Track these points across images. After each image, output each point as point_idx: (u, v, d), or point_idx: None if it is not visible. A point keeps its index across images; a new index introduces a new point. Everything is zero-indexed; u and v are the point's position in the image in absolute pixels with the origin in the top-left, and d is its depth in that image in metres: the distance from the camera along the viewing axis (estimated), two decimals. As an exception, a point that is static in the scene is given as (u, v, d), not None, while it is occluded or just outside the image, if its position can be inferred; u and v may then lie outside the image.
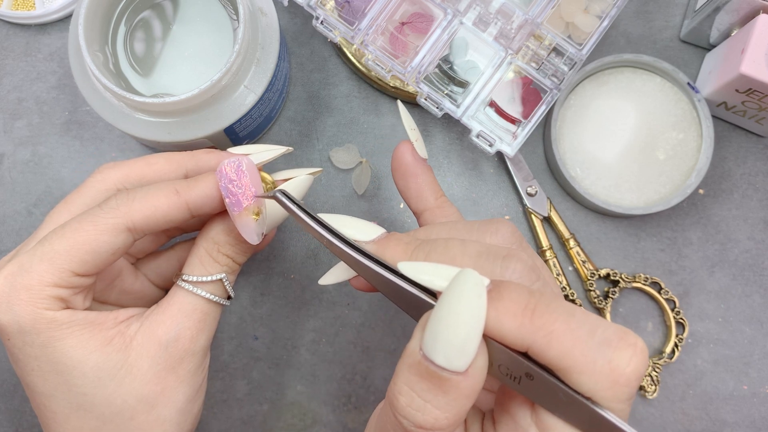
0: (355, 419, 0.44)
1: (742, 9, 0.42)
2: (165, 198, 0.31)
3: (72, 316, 0.31)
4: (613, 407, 0.23)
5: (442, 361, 0.22)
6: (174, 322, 0.32)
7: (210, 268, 0.33)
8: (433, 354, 0.22)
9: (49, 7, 0.47)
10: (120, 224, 0.31)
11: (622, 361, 0.22)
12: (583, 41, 0.41)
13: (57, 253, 0.30)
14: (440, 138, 0.47)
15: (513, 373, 0.24)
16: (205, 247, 0.34)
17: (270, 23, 0.40)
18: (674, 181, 0.45)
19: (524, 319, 0.23)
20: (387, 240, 0.29)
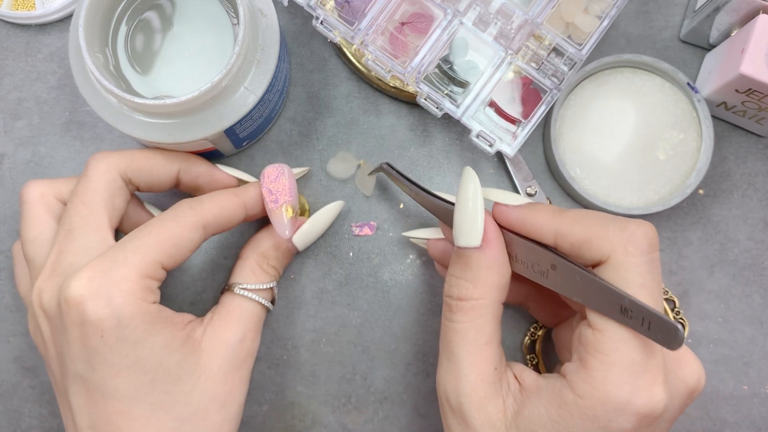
0: (355, 420, 0.44)
1: (742, 9, 0.42)
2: (228, 200, 0.37)
3: (160, 312, 0.33)
4: (627, 261, 0.28)
5: (462, 242, 0.31)
6: (239, 326, 0.36)
7: (263, 278, 0.39)
8: (457, 239, 0.31)
9: (49, 7, 0.47)
10: (198, 222, 0.34)
11: (631, 227, 0.29)
12: (583, 41, 0.41)
13: (149, 246, 0.32)
14: (440, 138, 0.47)
15: (541, 268, 0.30)
16: (256, 260, 0.39)
17: (270, 24, 0.40)
18: (674, 181, 0.45)
19: (554, 215, 0.31)
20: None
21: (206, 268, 0.45)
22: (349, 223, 0.46)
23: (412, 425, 0.44)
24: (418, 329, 0.45)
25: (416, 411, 0.44)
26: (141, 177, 0.37)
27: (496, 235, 0.31)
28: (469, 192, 0.30)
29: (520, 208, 0.32)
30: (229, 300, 0.38)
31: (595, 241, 0.29)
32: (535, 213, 0.31)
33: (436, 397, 0.44)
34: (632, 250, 0.28)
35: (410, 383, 0.44)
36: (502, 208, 0.32)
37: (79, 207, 0.34)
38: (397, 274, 0.45)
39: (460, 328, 0.31)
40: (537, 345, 0.44)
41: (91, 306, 0.30)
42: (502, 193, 0.33)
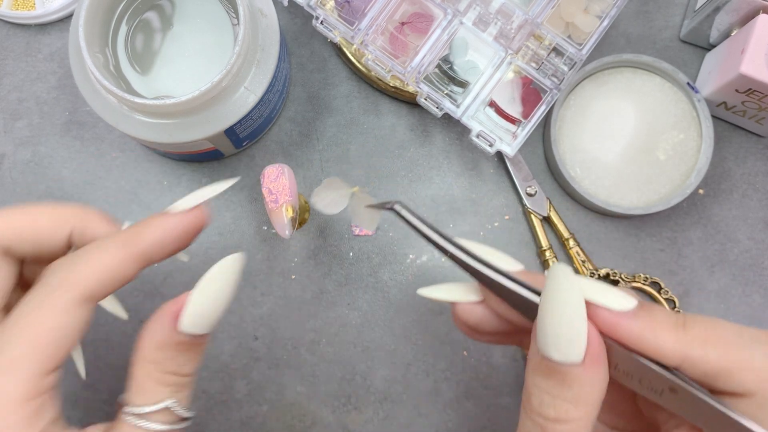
0: (355, 420, 0.44)
1: (742, 9, 0.42)
2: (115, 255, 0.27)
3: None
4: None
5: (557, 356, 0.24)
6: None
7: (153, 395, 0.28)
8: (548, 350, 0.24)
9: (49, 7, 0.47)
10: (76, 298, 0.26)
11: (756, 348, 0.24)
12: (583, 41, 0.41)
13: (19, 358, 0.25)
14: (440, 138, 0.47)
15: (653, 386, 0.25)
16: (143, 371, 0.28)
17: (270, 24, 0.40)
18: (674, 181, 0.45)
19: (678, 332, 0.24)
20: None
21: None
22: (349, 223, 0.46)
23: (412, 425, 0.44)
24: (418, 329, 0.45)
25: (416, 411, 0.44)
26: (22, 245, 0.28)
27: (600, 349, 0.24)
28: (570, 297, 0.24)
29: (634, 320, 0.25)
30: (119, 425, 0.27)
31: (737, 373, 0.24)
32: (655, 330, 0.24)
33: (436, 397, 0.44)
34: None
35: (410, 383, 0.44)
36: (608, 316, 0.25)
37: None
38: (397, 274, 0.45)
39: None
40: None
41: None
42: (604, 291, 0.25)
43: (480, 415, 0.44)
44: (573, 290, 0.24)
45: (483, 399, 0.44)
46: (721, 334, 0.24)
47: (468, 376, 0.44)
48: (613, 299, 0.25)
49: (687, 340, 0.24)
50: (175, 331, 0.27)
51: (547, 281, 0.24)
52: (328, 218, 0.46)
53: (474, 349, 0.45)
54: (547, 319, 0.24)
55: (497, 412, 0.44)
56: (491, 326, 0.30)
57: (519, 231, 0.46)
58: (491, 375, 0.45)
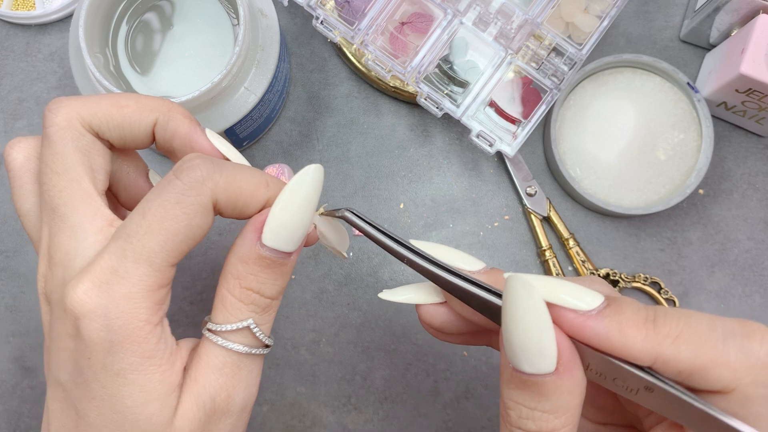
0: (355, 420, 0.44)
1: (742, 9, 0.42)
2: (254, 187, 0.27)
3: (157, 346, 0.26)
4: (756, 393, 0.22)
5: (528, 368, 0.23)
6: (206, 380, 0.28)
7: (235, 313, 0.28)
8: (518, 363, 0.23)
9: (49, 7, 0.47)
10: (207, 203, 0.26)
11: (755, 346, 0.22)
12: (583, 41, 0.41)
13: (153, 252, 0.25)
14: (440, 138, 0.47)
15: (628, 385, 0.24)
16: (226, 286, 0.28)
17: (270, 24, 0.40)
18: (674, 181, 0.45)
19: (647, 330, 0.23)
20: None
21: (206, 268, 0.45)
22: (349, 223, 0.46)
23: (412, 425, 0.44)
24: (418, 329, 0.45)
25: (416, 411, 0.44)
26: (111, 130, 0.28)
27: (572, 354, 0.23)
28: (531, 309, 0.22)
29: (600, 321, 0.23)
30: (201, 342, 0.28)
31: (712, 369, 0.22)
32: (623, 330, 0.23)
33: (436, 397, 0.44)
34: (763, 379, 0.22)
35: (410, 383, 0.44)
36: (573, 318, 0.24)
37: (53, 179, 0.27)
38: (397, 274, 0.45)
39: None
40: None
41: (86, 325, 0.25)
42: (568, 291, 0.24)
43: (480, 415, 0.44)
44: (533, 301, 0.22)
45: (483, 399, 0.44)
46: (694, 329, 0.23)
47: (468, 376, 0.44)
48: (578, 299, 0.24)
49: (657, 338, 0.23)
50: (258, 244, 0.27)
51: (505, 295, 0.23)
52: (328, 218, 0.46)
53: (474, 349, 0.45)
54: (512, 333, 0.23)
55: (497, 412, 0.44)
56: (457, 327, 0.29)
57: (519, 231, 0.46)
58: (491, 375, 0.45)
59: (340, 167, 0.46)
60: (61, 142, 0.27)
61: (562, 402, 0.23)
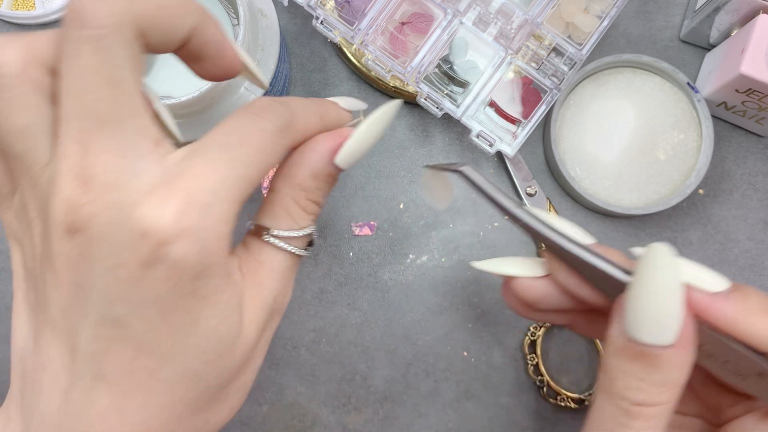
0: (355, 420, 0.44)
1: (742, 9, 0.42)
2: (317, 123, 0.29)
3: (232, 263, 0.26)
4: None
5: (648, 339, 0.23)
6: (270, 285, 0.28)
7: (300, 220, 0.29)
8: (639, 333, 0.23)
9: (49, 7, 0.47)
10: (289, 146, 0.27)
11: None
12: (583, 41, 0.41)
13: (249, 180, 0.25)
14: (440, 138, 0.47)
15: (740, 370, 0.25)
16: (292, 195, 0.29)
17: (270, 24, 0.40)
18: (674, 181, 0.45)
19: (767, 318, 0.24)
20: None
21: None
22: (349, 223, 0.46)
23: (412, 425, 0.44)
24: (418, 329, 0.45)
25: (416, 411, 0.44)
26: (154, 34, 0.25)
27: (692, 331, 0.24)
28: (669, 279, 0.23)
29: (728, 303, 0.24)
30: (258, 248, 0.29)
31: None
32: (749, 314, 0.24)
33: (436, 397, 0.44)
34: None
35: (410, 383, 0.44)
36: (701, 297, 0.24)
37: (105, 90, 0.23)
38: (397, 274, 0.45)
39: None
40: (537, 345, 0.44)
41: (180, 248, 0.23)
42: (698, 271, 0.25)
43: (480, 415, 0.44)
44: (673, 272, 0.23)
45: (483, 399, 0.44)
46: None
47: (468, 376, 0.44)
48: (708, 280, 0.25)
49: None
50: (332, 163, 0.28)
51: (644, 260, 0.23)
52: (328, 218, 0.46)
53: (474, 349, 0.45)
54: (641, 301, 0.23)
55: (497, 412, 0.44)
56: (551, 303, 0.29)
57: (519, 231, 0.46)
58: (491, 375, 0.45)
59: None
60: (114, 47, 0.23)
61: (672, 377, 0.24)
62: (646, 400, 0.24)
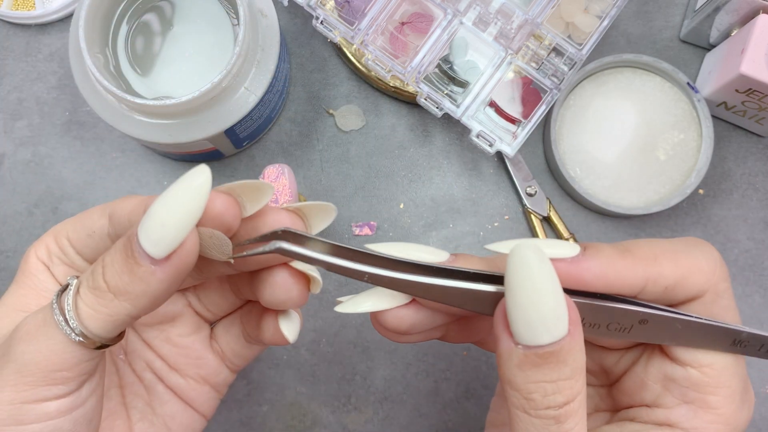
0: (355, 420, 0.44)
1: (742, 9, 0.42)
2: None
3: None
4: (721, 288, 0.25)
5: (547, 339, 0.22)
6: None
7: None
8: (536, 338, 0.23)
9: (49, 7, 0.47)
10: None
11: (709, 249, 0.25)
12: (583, 41, 0.41)
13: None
14: (440, 138, 0.47)
15: (624, 325, 0.25)
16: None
17: (270, 25, 0.40)
18: (674, 181, 0.45)
19: (631, 259, 0.24)
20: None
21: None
22: (349, 223, 0.46)
23: (412, 425, 0.44)
24: (418, 329, 0.45)
25: (416, 411, 0.44)
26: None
27: (575, 310, 0.23)
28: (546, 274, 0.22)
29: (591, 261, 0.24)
30: None
31: (691, 277, 0.25)
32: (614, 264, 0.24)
33: (436, 397, 0.44)
34: (722, 275, 0.25)
35: (410, 383, 0.44)
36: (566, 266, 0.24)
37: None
38: (397, 274, 0.45)
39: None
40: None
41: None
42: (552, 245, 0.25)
43: (480, 415, 0.44)
44: (546, 265, 0.22)
45: (483, 399, 0.44)
46: (665, 248, 0.25)
47: (468, 376, 0.44)
48: (563, 251, 0.24)
49: (642, 263, 0.24)
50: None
51: (514, 266, 0.22)
52: (328, 218, 0.46)
53: (474, 349, 0.45)
54: (528, 305, 0.22)
55: (497, 412, 0.44)
56: (425, 324, 0.27)
57: (519, 231, 0.46)
58: (491, 375, 0.45)
59: (340, 167, 0.46)
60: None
61: (578, 363, 0.24)
62: (568, 398, 0.24)
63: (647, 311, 0.24)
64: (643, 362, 0.28)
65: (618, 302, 0.24)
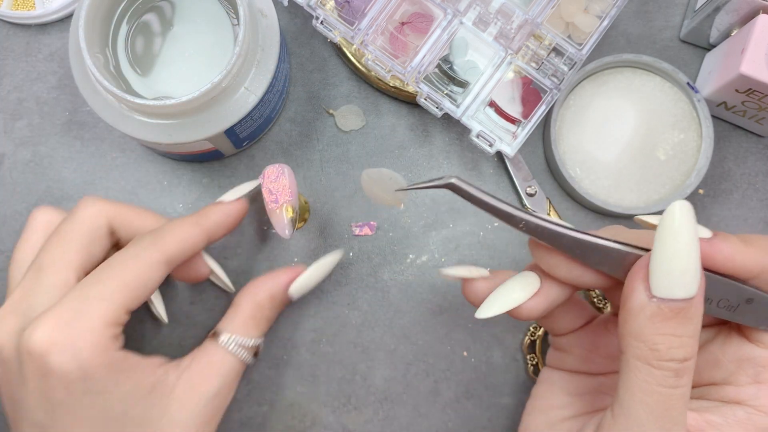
0: (355, 420, 0.44)
1: (742, 9, 0.42)
2: (190, 231, 0.35)
3: (126, 360, 0.31)
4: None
5: (681, 293, 0.25)
6: (217, 380, 0.35)
7: (254, 332, 0.37)
8: (672, 291, 0.25)
9: (49, 7, 0.47)
10: (161, 258, 0.33)
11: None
12: (583, 41, 0.41)
13: (113, 292, 0.31)
14: (440, 138, 0.47)
15: (731, 303, 0.28)
16: (251, 311, 0.37)
17: (270, 24, 0.40)
18: (674, 181, 0.45)
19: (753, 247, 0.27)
20: None
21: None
22: (349, 223, 0.46)
23: (412, 425, 0.44)
24: (418, 329, 0.45)
25: (416, 411, 0.44)
26: (125, 231, 0.36)
27: (704, 277, 0.26)
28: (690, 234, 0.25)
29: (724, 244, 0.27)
30: (213, 350, 0.36)
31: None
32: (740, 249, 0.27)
33: (436, 397, 0.44)
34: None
35: (410, 383, 0.44)
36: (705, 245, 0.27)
37: (54, 246, 0.33)
38: (397, 274, 0.45)
39: (686, 392, 0.26)
40: (537, 345, 0.44)
41: (57, 359, 0.29)
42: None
43: (480, 415, 0.44)
44: (692, 226, 0.25)
45: (483, 399, 0.44)
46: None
47: (468, 376, 0.45)
48: (701, 231, 0.27)
49: (762, 252, 0.27)
50: (286, 291, 0.39)
51: (668, 221, 0.25)
52: (328, 218, 0.46)
53: (474, 349, 0.45)
54: (669, 260, 0.25)
55: (497, 412, 0.44)
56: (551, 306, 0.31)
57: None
58: (491, 375, 0.45)
59: (340, 167, 0.46)
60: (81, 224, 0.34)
61: (699, 325, 0.26)
62: (688, 355, 0.26)
63: (756, 292, 0.27)
64: (720, 341, 0.30)
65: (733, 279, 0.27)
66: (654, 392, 0.26)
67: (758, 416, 0.28)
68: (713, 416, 0.28)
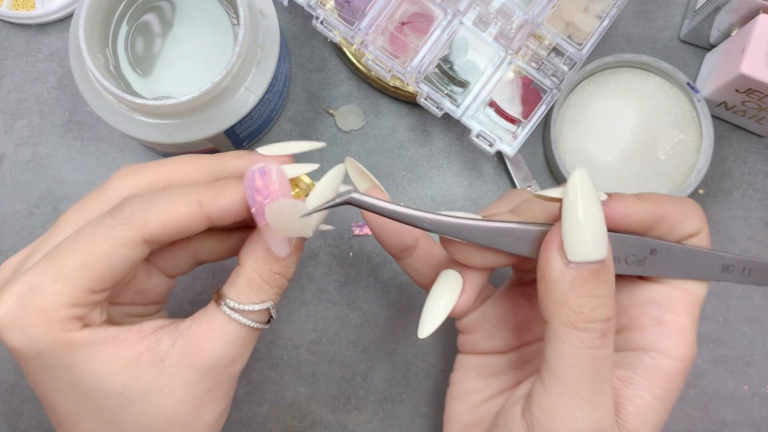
0: (355, 420, 0.44)
1: (742, 9, 0.42)
2: (186, 208, 0.28)
3: (92, 335, 0.28)
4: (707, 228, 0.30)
5: (595, 255, 0.26)
6: (215, 350, 0.30)
7: (260, 295, 0.30)
8: (586, 254, 0.26)
9: (49, 7, 0.47)
10: (136, 237, 0.28)
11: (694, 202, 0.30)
12: (583, 41, 0.41)
13: (71, 271, 0.27)
14: (440, 138, 0.47)
15: (638, 257, 0.29)
16: (256, 270, 0.30)
17: (270, 24, 0.40)
18: (674, 181, 0.45)
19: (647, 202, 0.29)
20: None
21: (207, 267, 0.45)
22: (349, 223, 0.46)
23: (412, 425, 0.44)
24: (418, 329, 0.45)
25: (416, 411, 0.44)
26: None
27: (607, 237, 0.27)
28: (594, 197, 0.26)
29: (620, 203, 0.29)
30: (211, 314, 0.30)
31: (688, 217, 0.30)
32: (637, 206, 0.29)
33: (437, 397, 0.44)
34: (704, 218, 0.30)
35: (410, 383, 0.44)
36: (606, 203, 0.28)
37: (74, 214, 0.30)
38: (397, 274, 0.45)
39: (611, 351, 0.27)
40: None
41: (7, 335, 0.27)
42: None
43: (480, 415, 0.44)
44: (594, 189, 0.26)
45: (483, 399, 0.44)
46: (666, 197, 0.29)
47: (468, 376, 0.44)
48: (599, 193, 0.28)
49: (653, 206, 0.29)
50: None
51: (573, 190, 0.26)
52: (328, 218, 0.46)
53: (474, 349, 0.45)
54: (580, 225, 0.26)
55: (497, 412, 0.44)
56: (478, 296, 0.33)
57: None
58: (491, 375, 0.45)
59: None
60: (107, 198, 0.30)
61: (613, 284, 0.27)
62: (609, 314, 0.27)
63: (657, 241, 0.29)
64: (625, 289, 0.31)
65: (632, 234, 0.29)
66: (583, 355, 0.27)
67: (663, 360, 0.29)
68: (623, 371, 0.29)
